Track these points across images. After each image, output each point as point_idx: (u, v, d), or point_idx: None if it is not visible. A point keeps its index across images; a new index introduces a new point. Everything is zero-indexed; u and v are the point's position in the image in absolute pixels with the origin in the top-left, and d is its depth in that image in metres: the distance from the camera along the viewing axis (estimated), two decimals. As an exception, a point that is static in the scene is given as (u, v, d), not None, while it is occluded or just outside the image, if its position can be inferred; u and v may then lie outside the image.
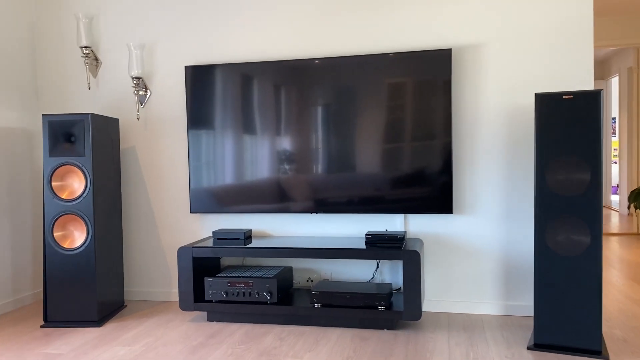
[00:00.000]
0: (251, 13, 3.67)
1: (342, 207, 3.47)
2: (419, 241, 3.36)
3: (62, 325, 3.34)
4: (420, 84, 3.32)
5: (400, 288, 3.52)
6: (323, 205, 3.50)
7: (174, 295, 3.90)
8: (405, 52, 3.33)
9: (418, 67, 3.31)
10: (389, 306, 3.13)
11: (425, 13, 3.40)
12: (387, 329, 3.14)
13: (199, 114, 3.67)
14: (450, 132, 3.29)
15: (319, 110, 3.47)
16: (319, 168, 3.49)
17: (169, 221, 3.88)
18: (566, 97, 2.67)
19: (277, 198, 3.56)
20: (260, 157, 3.57)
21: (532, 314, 3.35)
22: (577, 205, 2.66)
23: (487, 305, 3.41)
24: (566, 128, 2.66)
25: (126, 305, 3.79)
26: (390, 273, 3.55)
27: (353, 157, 3.44)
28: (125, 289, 3.97)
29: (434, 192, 3.33)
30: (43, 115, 3.33)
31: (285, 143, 3.53)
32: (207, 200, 3.68)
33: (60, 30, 3.99)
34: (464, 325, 3.21)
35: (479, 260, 3.42)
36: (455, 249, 3.45)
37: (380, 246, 3.16)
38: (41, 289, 4.04)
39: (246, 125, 3.59)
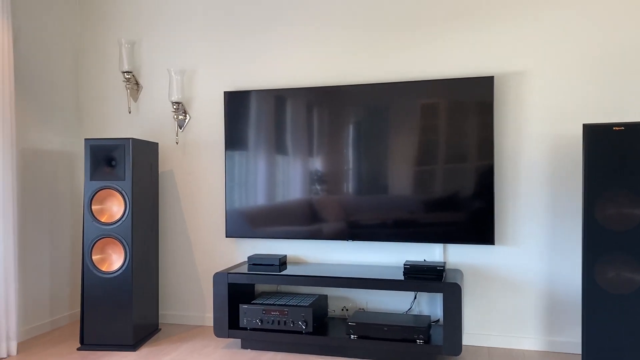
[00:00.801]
0: (287, 41, 3.68)
1: (378, 235, 3.41)
2: (459, 272, 3.27)
3: (98, 349, 3.35)
4: (462, 111, 3.26)
5: (438, 320, 3.42)
6: (359, 233, 3.44)
7: (208, 320, 3.89)
8: (447, 79, 3.29)
9: (460, 95, 3.26)
10: (427, 340, 3.04)
11: (467, 40, 3.36)
12: (426, 363, 3.05)
13: (236, 139, 3.68)
14: (492, 161, 3.22)
15: (361, 136, 3.44)
16: (359, 197, 3.44)
17: (204, 245, 3.89)
18: (616, 128, 2.57)
19: (313, 224, 3.53)
20: (296, 181, 3.55)
21: (578, 351, 3.21)
22: (628, 242, 2.55)
23: (529, 340, 3.29)
24: (617, 161, 2.56)
25: (160, 329, 3.79)
26: (428, 304, 3.46)
27: (391, 184, 3.39)
28: (159, 311, 3.97)
29: (475, 222, 3.25)
30: (85, 139, 3.39)
31: (320, 167, 3.50)
32: (242, 225, 3.67)
33: (103, 55, 4.08)
34: (506, 361, 3.09)
35: (521, 294, 3.30)
36: (496, 281, 3.34)
37: (420, 277, 3.08)
38: (77, 309, 4.08)
39: (282, 150, 3.58)
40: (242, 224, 3.67)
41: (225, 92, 3.70)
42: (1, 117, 3.23)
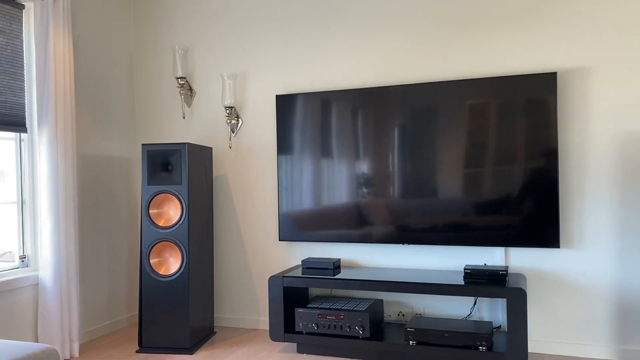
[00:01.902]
0: (337, 42, 3.65)
1: (433, 238, 3.32)
2: (522, 277, 3.15)
3: (156, 351, 3.39)
4: (523, 109, 3.14)
5: (499, 326, 3.30)
6: (412, 237, 3.36)
7: (262, 324, 3.88)
8: (507, 76, 3.17)
9: (522, 92, 3.14)
10: (490, 347, 2.93)
11: (527, 37, 3.23)
12: (489, 371, 2.94)
13: (288, 143, 3.66)
14: (556, 158, 3.08)
15: (416, 137, 3.36)
16: (416, 199, 3.37)
17: (258, 248, 3.89)
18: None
19: (367, 227, 3.47)
20: (351, 184, 3.50)
21: (652, 361, 3.03)
22: None
23: (598, 348, 3.12)
24: (698, 158, 2.40)
25: (216, 332, 3.80)
26: (488, 310, 3.34)
27: (447, 187, 3.29)
28: (214, 315, 3.99)
29: (539, 224, 3.12)
30: (142, 144, 3.45)
31: (375, 169, 3.44)
32: (295, 228, 3.65)
33: (157, 61, 4.15)
34: (574, 370, 2.95)
35: (589, 299, 3.15)
36: (561, 286, 3.20)
37: (481, 282, 2.98)
38: (135, 312, 4.15)
39: (335, 152, 3.54)
40: (295, 227, 3.65)
41: (277, 96, 3.69)
42: (63, 124, 3.32)
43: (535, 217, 3.12)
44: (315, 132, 3.60)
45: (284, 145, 3.68)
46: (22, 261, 3.32)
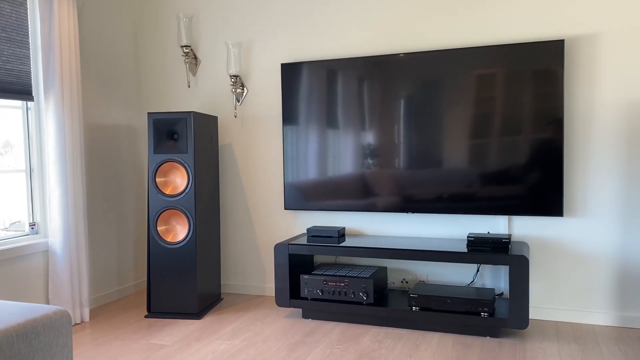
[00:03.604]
0: (342, 9, 3.61)
1: (437, 207, 3.34)
2: (525, 245, 3.17)
3: (164, 316, 3.47)
4: (530, 77, 3.12)
5: (502, 293, 3.35)
6: (417, 206, 3.39)
7: (268, 290, 3.95)
8: (512, 44, 3.14)
9: (527, 60, 3.11)
10: (492, 312, 2.98)
11: (536, 2, 3.19)
12: (490, 336, 2.99)
13: (293, 111, 3.67)
14: (562, 127, 3.07)
15: (420, 106, 3.36)
16: (421, 170, 3.38)
17: (264, 217, 3.93)
18: None
19: (371, 196, 3.49)
20: (356, 152, 3.51)
21: (652, 328, 3.07)
22: None
23: (599, 315, 3.17)
24: None
25: (222, 298, 3.88)
26: (491, 277, 3.38)
27: (451, 157, 3.30)
28: (221, 282, 4.06)
29: (542, 192, 3.13)
30: (148, 113, 3.46)
31: (381, 139, 3.45)
32: (300, 197, 3.68)
33: (162, 30, 4.13)
34: (575, 335, 3.00)
35: (591, 267, 3.18)
36: (564, 254, 3.23)
37: (484, 250, 3.01)
38: (143, 279, 4.23)
39: (341, 121, 3.54)
40: (300, 196, 3.68)
41: (282, 64, 3.68)
42: (69, 92, 3.33)
43: (539, 186, 3.13)
44: (320, 101, 3.59)
45: (289, 115, 3.68)
46: (32, 228, 3.38)
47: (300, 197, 3.68)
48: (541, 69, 3.09)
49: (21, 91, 3.25)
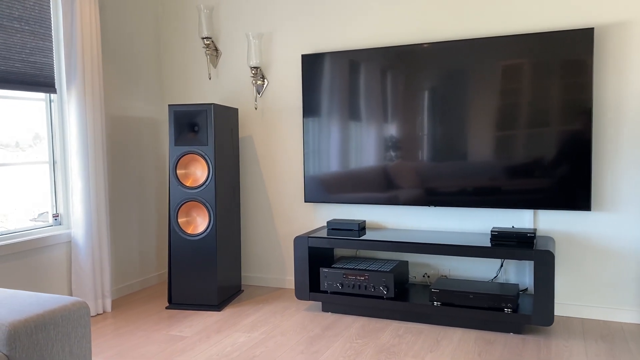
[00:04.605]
0: (363, 2, 3.55)
1: (462, 200, 3.28)
2: (550, 240, 3.09)
3: (185, 308, 3.48)
4: (558, 66, 3.02)
5: (526, 289, 3.27)
6: (439, 199, 3.32)
7: (288, 283, 3.94)
8: (539, 32, 3.05)
9: (555, 49, 3.01)
10: (515, 309, 2.91)
11: (562, -11, 3.08)
12: (514, 332, 2.93)
13: (314, 104, 3.63)
14: (591, 119, 2.97)
15: (445, 97, 3.28)
16: (445, 162, 3.31)
17: (284, 209, 3.91)
18: None
19: (392, 189, 3.44)
20: (377, 145, 3.46)
21: (684, 327, 2.97)
22: None
23: (628, 312, 3.07)
24: None
25: (243, 290, 3.88)
26: (515, 272, 3.31)
27: (476, 145, 3.22)
28: (241, 273, 4.07)
29: (569, 186, 3.04)
30: (169, 105, 3.46)
31: (404, 131, 3.39)
32: (320, 190, 3.65)
33: (183, 21, 4.12)
34: (602, 333, 2.91)
35: (620, 263, 3.08)
36: (592, 249, 3.13)
37: (509, 245, 2.94)
38: (164, 270, 4.26)
39: (362, 113, 3.49)
40: (320, 189, 3.65)
41: (302, 55, 3.64)
42: (91, 84, 3.35)
43: (567, 179, 3.04)
44: (342, 92, 3.55)
45: (310, 107, 3.64)
46: (55, 219, 3.42)
47: (321, 189, 3.65)
48: (570, 58, 2.99)
49: (44, 83, 3.27)
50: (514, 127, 3.13)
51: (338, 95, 3.55)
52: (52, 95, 3.38)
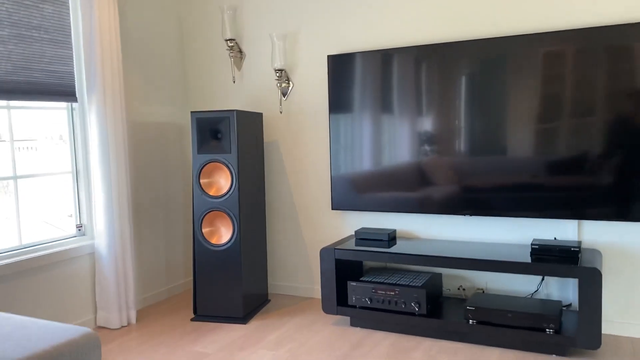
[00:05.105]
0: (399, -6, 3.35)
1: (500, 209, 3.06)
2: (597, 254, 2.85)
3: (210, 320, 3.39)
4: (608, 60, 2.77)
5: (570, 304, 3.04)
6: (477, 207, 3.12)
7: (317, 292, 3.80)
8: (594, 27, 2.80)
9: (606, 44, 2.76)
10: (558, 329, 2.69)
11: (611, -20, 2.82)
12: (557, 354, 2.72)
13: (340, 106, 3.46)
14: (642, 125, 2.72)
15: (490, 105, 3.07)
16: (473, 165, 3.11)
17: (311, 216, 3.77)
18: None
19: (426, 196, 3.25)
20: (405, 149, 3.27)
21: None
22: None
23: (684, 333, 2.82)
24: None
25: (270, 300, 3.77)
26: (558, 286, 3.08)
27: (515, 151, 3.00)
28: (268, 281, 3.96)
29: (619, 194, 2.79)
30: (191, 112, 3.35)
31: (436, 136, 3.19)
32: (349, 197, 3.48)
33: (206, 23, 4.01)
34: (655, 357, 2.67)
35: (674, 280, 2.82)
36: (643, 264, 2.88)
37: (550, 259, 2.72)
38: (191, 277, 4.19)
39: (394, 114, 3.30)
40: (349, 196, 3.49)
41: (328, 56, 3.47)
42: (111, 92, 3.27)
43: (616, 186, 2.79)
44: (370, 95, 3.37)
45: (336, 110, 3.48)
46: (79, 230, 3.37)
47: (349, 197, 3.49)
48: (625, 53, 2.73)
49: (65, 92, 3.21)
50: (559, 133, 2.90)
51: (365, 98, 3.37)
52: (73, 103, 3.32)
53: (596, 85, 2.79)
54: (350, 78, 3.41)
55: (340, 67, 3.44)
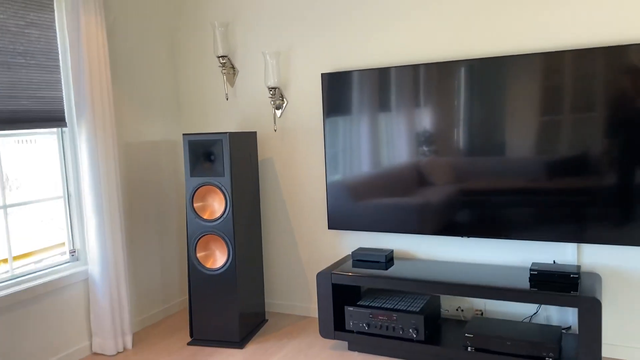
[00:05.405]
0: (387, 14, 3.27)
1: (498, 231, 3.01)
2: (596, 278, 2.81)
3: (206, 344, 3.36)
4: (611, 82, 2.71)
5: (569, 327, 3.01)
6: (475, 229, 3.07)
7: (314, 311, 3.77)
8: (600, 47, 2.74)
9: (612, 65, 2.70)
10: (558, 356, 2.66)
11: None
12: (556, 382, 2.69)
13: (336, 125, 3.40)
14: (642, 148, 2.66)
15: (492, 130, 3.01)
16: (472, 188, 3.06)
17: (307, 235, 3.72)
18: None
19: (422, 217, 3.20)
20: (401, 170, 3.22)
21: None
22: None
23: (685, 357, 2.79)
24: None
25: (267, 320, 3.73)
26: (558, 309, 3.04)
27: (511, 174, 2.95)
28: (265, 300, 3.92)
29: (622, 217, 2.74)
30: (183, 135, 3.30)
31: (430, 160, 3.13)
32: (345, 217, 3.43)
33: (198, 40, 3.93)
34: (656, 384, 2.64)
35: (675, 304, 2.79)
36: (643, 288, 2.84)
37: (549, 287, 2.68)
38: (187, 297, 4.14)
39: (389, 137, 3.25)
40: (345, 216, 3.44)
41: (322, 74, 3.40)
42: (101, 115, 3.21)
43: (619, 207, 2.74)
44: (365, 113, 3.30)
45: (331, 128, 3.41)
46: (72, 255, 3.32)
47: (345, 216, 3.43)
48: (628, 73, 2.68)
49: (54, 118, 3.15)
50: (558, 160, 2.84)
51: (361, 115, 3.31)
52: (63, 128, 3.25)
53: (595, 107, 2.73)
54: (346, 98, 3.35)
55: (334, 85, 3.38)
